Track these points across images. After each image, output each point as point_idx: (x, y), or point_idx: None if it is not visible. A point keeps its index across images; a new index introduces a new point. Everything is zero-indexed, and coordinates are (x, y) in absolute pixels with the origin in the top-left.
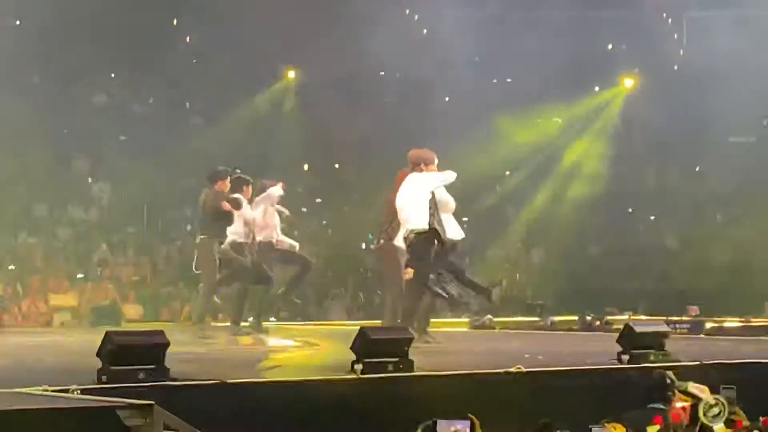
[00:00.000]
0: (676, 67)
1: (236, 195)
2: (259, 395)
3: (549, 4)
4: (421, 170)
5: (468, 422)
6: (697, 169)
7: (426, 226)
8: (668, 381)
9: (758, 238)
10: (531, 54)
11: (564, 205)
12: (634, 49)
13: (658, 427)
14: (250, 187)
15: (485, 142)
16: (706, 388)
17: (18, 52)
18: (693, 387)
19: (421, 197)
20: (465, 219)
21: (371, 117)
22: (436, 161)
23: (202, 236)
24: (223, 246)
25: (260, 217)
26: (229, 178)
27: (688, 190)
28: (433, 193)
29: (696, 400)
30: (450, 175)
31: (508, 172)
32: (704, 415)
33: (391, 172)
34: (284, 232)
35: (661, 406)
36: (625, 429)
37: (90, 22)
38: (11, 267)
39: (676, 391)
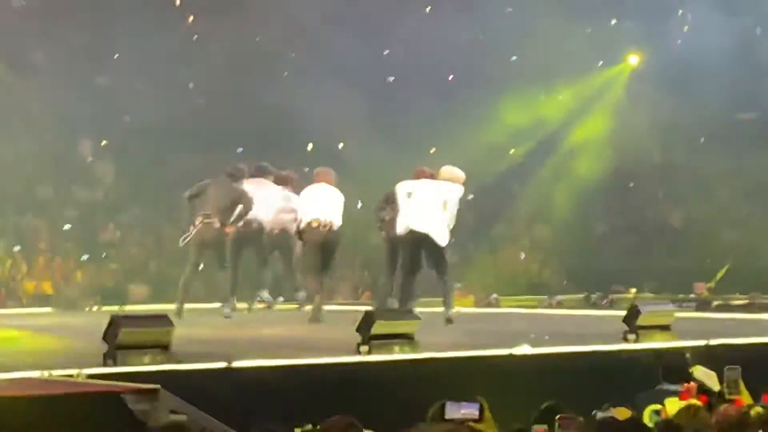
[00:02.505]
0: (679, 42)
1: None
2: (265, 378)
3: None
4: None
5: (477, 404)
6: (702, 143)
7: None
8: (687, 362)
9: (765, 216)
10: (534, 31)
11: (569, 183)
12: (638, 25)
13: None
14: (271, 177)
15: (489, 120)
16: (714, 374)
17: (23, 32)
18: (700, 371)
19: None
20: (470, 197)
21: (373, 96)
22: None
23: (206, 221)
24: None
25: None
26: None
27: (693, 167)
28: None
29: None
30: None
31: (512, 150)
32: None
33: (393, 150)
34: None
35: (672, 388)
36: (631, 413)
37: (93, 2)
38: (16, 248)
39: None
